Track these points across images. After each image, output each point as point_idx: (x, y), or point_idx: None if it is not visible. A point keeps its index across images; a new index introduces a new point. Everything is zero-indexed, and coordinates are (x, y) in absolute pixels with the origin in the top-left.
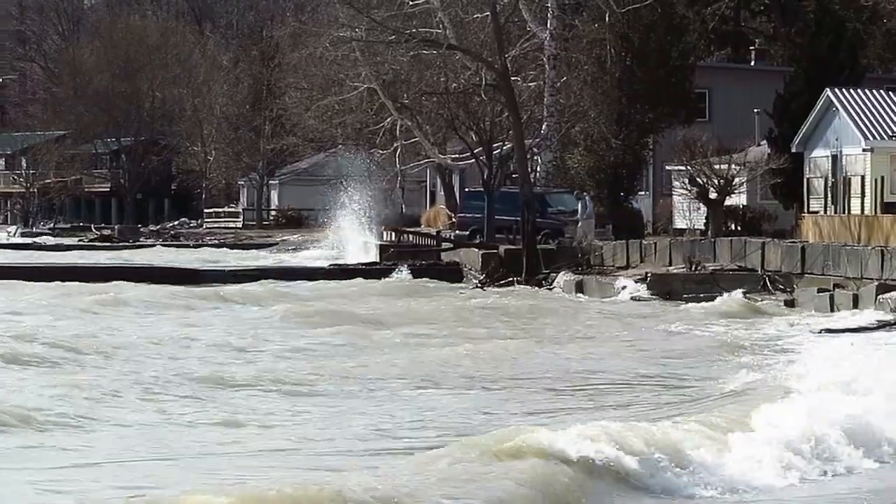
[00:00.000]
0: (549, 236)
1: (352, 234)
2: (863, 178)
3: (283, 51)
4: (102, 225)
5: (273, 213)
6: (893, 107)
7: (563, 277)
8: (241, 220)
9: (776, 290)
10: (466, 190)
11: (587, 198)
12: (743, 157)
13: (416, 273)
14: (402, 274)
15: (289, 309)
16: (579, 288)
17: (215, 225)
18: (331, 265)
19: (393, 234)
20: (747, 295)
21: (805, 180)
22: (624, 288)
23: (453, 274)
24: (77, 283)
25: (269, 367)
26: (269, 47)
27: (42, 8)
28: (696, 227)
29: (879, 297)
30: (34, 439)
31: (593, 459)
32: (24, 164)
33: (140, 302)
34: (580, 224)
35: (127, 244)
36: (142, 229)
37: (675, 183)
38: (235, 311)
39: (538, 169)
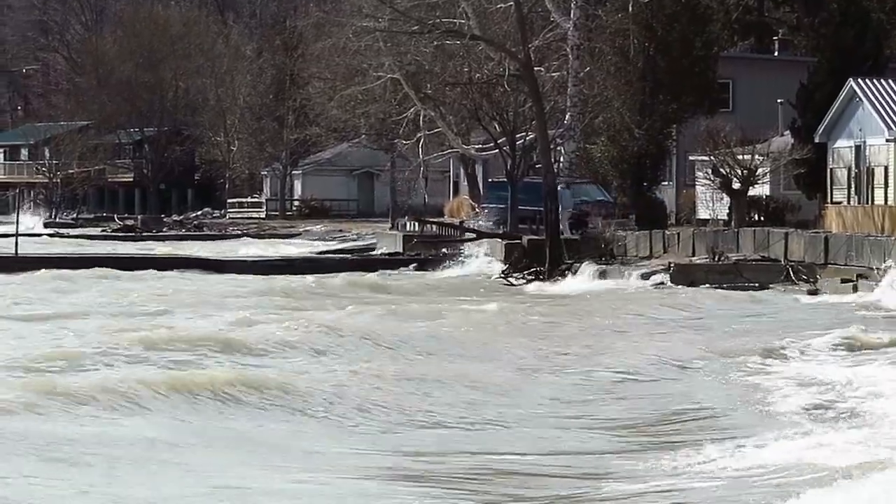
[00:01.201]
0: (572, 227)
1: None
2: (886, 168)
3: (307, 41)
4: (126, 215)
5: (296, 203)
6: None
7: (588, 268)
8: (264, 210)
9: (799, 280)
10: (490, 180)
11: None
12: (766, 147)
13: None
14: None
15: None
16: (602, 277)
17: (239, 215)
18: (353, 256)
19: (416, 224)
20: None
21: (828, 170)
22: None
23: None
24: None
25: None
26: (293, 37)
27: None
28: (719, 217)
29: None
30: None
31: None
32: (47, 154)
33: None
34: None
35: (151, 235)
36: (165, 220)
37: (699, 173)
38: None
39: (561, 159)
